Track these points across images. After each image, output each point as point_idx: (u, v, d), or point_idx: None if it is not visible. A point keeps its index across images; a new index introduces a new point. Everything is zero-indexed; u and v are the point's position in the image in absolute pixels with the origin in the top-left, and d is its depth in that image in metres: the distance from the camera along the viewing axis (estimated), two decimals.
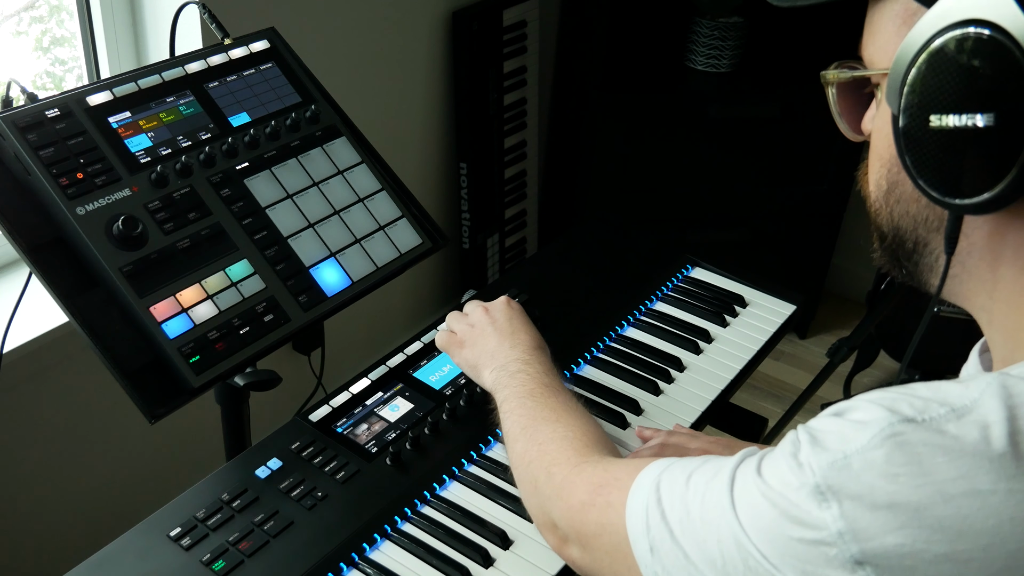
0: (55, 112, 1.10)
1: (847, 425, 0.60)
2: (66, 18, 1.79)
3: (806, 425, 0.63)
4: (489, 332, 1.13)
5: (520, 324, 1.14)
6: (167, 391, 1.05)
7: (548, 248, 1.53)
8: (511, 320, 1.15)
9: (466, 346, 1.14)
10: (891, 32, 0.66)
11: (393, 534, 1.01)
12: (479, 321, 1.16)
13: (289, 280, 1.17)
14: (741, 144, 2.65)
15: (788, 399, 2.66)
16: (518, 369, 1.06)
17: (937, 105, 0.60)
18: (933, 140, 0.61)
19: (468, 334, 1.15)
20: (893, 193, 0.68)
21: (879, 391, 0.62)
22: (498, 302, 1.18)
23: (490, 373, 1.09)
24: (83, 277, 1.06)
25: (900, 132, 0.63)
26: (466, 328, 1.16)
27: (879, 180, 0.70)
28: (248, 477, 1.05)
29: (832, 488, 0.58)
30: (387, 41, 2.26)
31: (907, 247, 0.69)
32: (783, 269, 2.82)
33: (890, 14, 0.66)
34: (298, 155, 1.26)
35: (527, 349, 1.10)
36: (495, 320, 1.15)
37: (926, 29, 0.60)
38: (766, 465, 0.64)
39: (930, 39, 0.60)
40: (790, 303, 1.41)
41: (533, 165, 2.82)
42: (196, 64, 1.24)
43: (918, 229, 0.68)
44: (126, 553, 0.96)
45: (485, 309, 1.17)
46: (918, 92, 0.61)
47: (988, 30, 0.57)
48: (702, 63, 2.64)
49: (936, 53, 0.60)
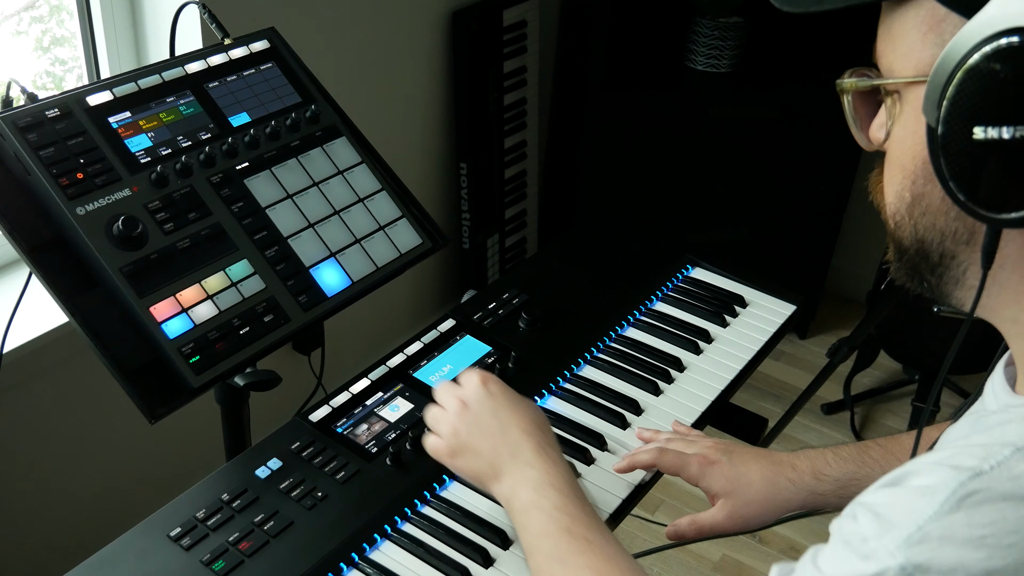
0: (55, 112, 1.10)
1: (910, 494, 0.56)
2: (66, 18, 1.79)
3: (859, 502, 0.59)
4: (476, 436, 0.97)
5: (508, 415, 0.97)
6: (167, 391, 1.05)
7: (548, 248, 1.53)
8: (496, 414, 0.97)
9: (458, 455, 0.99)
10: (915, 39, 0.63)
11: (393, 534, 1.01)
12: (461, 423, 0.98)
13: (289, 280, 1.17)
14: (741, 144, 2.65)
15: (788, 399, 2.66)
16: (530, 501, 0.91)
17: (983, 117, 0.57)
18: (977, 153, 0.58)
19: (454, 441, 0.98)
20: (918, 205, 0.66)
21: (932, 455, 0.58)
22: (472, 388, 1.00)
23: (499, 491, 0.96)
24: (83, 277, 1.06)
25: (939, 144, 0.60)
26: (450, 433, 0.99)
27: (900, 192, 0.67)
28: (248, 477, 1.05)
29: (920, 567, 0.53)
30: (387, 41, 2.26)
31: (931, 260, 0.67)
32: (783, 269, 2.83)
33: (914, 20, 0.63)
34: (298, 155, 1.26)
35: (529, 457, 0.94)
36: (478, 418, 0.98)
37: (970, 37, 0.58)
38: (825, 560, 0.59)
39: (976, 47, 0.57)
40: (790, 303, 1.41)
41: (533, 165, 2.82)
42: (196, 64, 1.24)
43: (945, 242, 0.65)
44: (126, 553, 0.96)
45: (463, 403, 0.99)
46: (962, 103, 0.58)
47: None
48: (702, 63, 2.64)
49: (983, 62, 0.57)
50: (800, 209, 2.74)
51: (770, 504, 1.04)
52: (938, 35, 0.62)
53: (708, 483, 1.06)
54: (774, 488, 1.04)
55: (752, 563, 2.24)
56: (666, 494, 2.38)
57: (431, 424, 1.02)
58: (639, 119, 2.62)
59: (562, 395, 1.22)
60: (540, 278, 1.44)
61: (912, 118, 0.64)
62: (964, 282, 0.66)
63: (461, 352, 1.27)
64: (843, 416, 2.68)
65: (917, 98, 0.63)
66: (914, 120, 0.64)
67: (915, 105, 0.64)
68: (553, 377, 1.24)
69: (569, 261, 1.51)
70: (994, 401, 0.71)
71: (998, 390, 0.71)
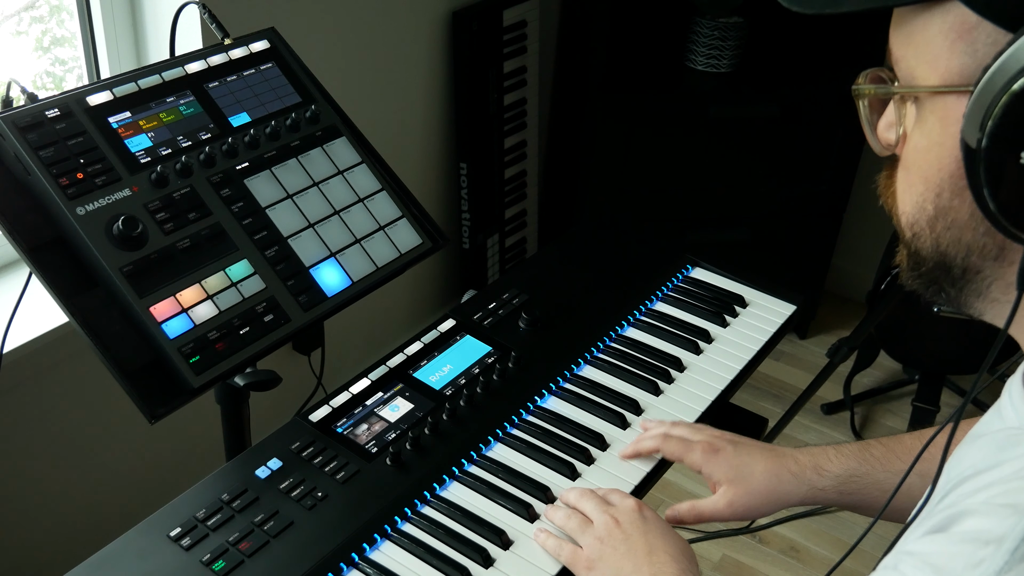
0: (55, 112, 1.10)
1: (968, 543, 0.54)
2: (66, 18, 1.79)
3: (906, 552, 0.57)
4: (621, 553, 0.96)
5: (658, 540, 0.96)
6: (167, 391, 1.05)
7: (548, 248, 1.53)
8: (646, 536, 0.97)
9: (594, 568, 0.96)
10: (942, 46, 0.60)
11: (393, 534, 1.01)
12: (609, 537, 0.97)
13: (289, 280, 1.17)
14: (741, 144, 2.65)
15: (788, 399, 2.66)
16: None
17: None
18: (1021, 177, 0.56)
19: (597, 551, 0.97)
20: (942, 219, 0.63)
21: (980, 494, 0.57)
22: (629, 509, 1.00)
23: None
24: (83, 277, 1.06)
25: (981, 163, 0.57)
26: (594, 543, 0.97)
27: (921, 203, 0.64)
28: (248, 477, 1.05)
29: None
30: (387, 41, 2.26)
31: (954, 273, 0.64)
32: (783, 269, 2.83)
33: (940, 26, 0.60)
34: (298, 155, 1.26)
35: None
36: (628, 537, 0.97)
37: (1016, 64, 0.55)
38: None
39: (1020, 72, 0.54)
40: (790, 303, 1.41)
41: (533, 165, 2.82)
42: (196, 64, 1.24)
43: (971, 257, 0.63)
44: (126, 553, 0.96)
45: (615, 520, 0.99)
46: (1009, 126, 0.55)
47: None
48: (702, 63, 2.64)
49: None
50: (800, 209, 2.74)
51: (771, 495, 1.04)
52: (969, 43, 0.59)
53: (711, 470, 1.06)
54: (776, 480, 1.04)
55: (752, 563, 2.24)
56: (666, 494, 2.38)
57: (571, 532, 1.00)
58: (639, 119, 2.62)
59: (562, 395, 1.22)
60: (540, 278, 1.44)
61: (938, 128, 0.61)
62: (987, 295, 0.64)
63: (461, 352, 1.27)
64: (843, 416, 2.68)
65: (945, 108, 0.61)
66: (940, 131, 0.61)
67: (942, 115, 0.61)
68: (553, 377, 1.24)
69: (569, 261, 1.51)
70: (1014, 414, 0.68)
71: (1018, 402, 0.69)
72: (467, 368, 1.24)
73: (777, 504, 1.05)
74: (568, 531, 1.00)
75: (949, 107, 0.60)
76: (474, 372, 1.24)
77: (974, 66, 0.58)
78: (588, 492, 1.04)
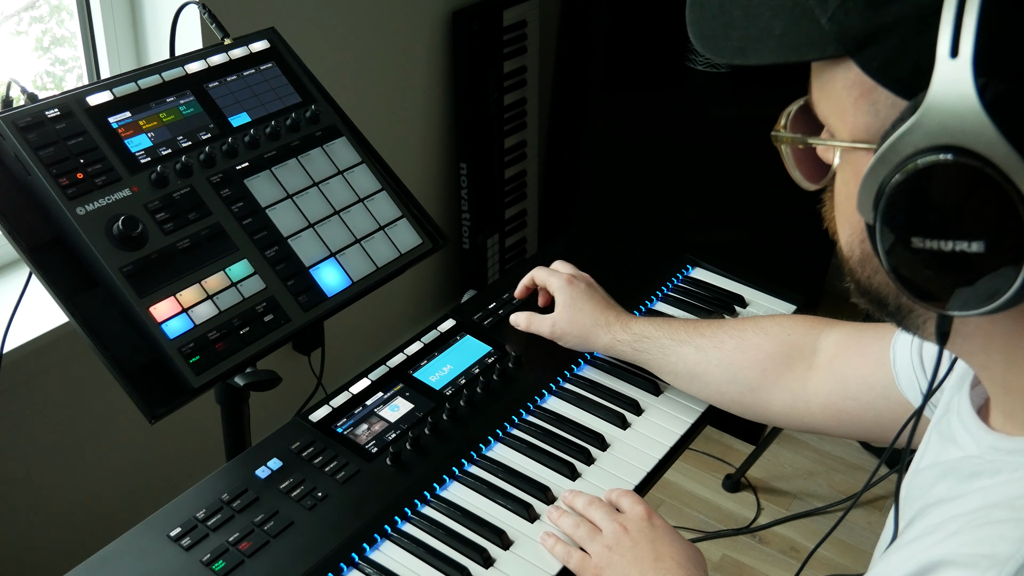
0: (55, 112, 1.10)
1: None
2: (66, 18, 1.79)
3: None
4: (628, 560, 0.97)
5: (666, 548, 0.97)
6: (167, 391, 1.05)
7: (548, 248, 1.52)
8: (654, 543, 0.98)
9: (604, 574, 0.98)
10: (847, 102, 0.59)
11: (393, 534, 1.01)
12: (617, 545, 0.98)
13: (289, 280, 1.17)
14: (741, 144, 2.65)
15: None
16: None
17: (922, 229, 0.54)
18: (916, 256, 0.55)
19: (605, 559, 0.98)
20: (869, 263, 0.62)
21: (953, 538, 0.58)
22: (638, 517, 1.01)
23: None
24: (83, 277, 1.06)
25: (878, 243, 0.57)
26: (602, 551, 0.98)
27: (851, 244, 0.64)
28: (248, 477, 1.05)
29: None
30: (387, 41, 2.26)
31: (889, 309, 0.64)
32: (783, 269, 2.82)
33: (844, 82, 0.59)
34: (298, 155, 1.26)
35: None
36: (636, 544, 0.98)
37: (909, 143, 0.54)
38: None
39: (908, 158, 0.54)
40: (790, 303, 1.41)
41: (533, 165, 2.82)
42: (196, 64, 1.24)
43: (901, 298, 0.62)
44: (126, 553, 0.96)
45: (624, 528, 1.00)
46: (898, 212, 0.55)
47: (976, 161, 0.51)
48: (702, 63, 2.64)
49: (918, 176, 0.53)
50: (800, 209, 2.73)
51: (583, 332, 1.24)
52: (871, 103, 0.57)
53: (559, 295, 1.27)
54: (592, 321, 1.23)
55: (752, 563, 2.24)
56: (666, 494, 2.38)
57: (580, 540, 1.01)
58: (639, 119, 2.62)
59: (562, 395, 1.22)
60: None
61: (852, 181, 0.60)
62: (925, 328, 0.63)
63: (461, 352, 1.27)
64: None
65: (856, 162, 0.60)
66: (854, 184, 0.59)
67: (855, 168, 0.60)
68: (553, 377, 1.24)
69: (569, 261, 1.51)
70: (971, 441, 0.68)
71: (971, 426, 0.69)
72: (467, 368, 1.24)
73: (584, 343, 1.24)
74: (577, 539, 1.01)
75: (860, 162, 0.59)
76: (474, 372, 1.24)
77: (877, 125, 0.57)
78: (597, 500, 1.05)
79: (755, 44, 0.62)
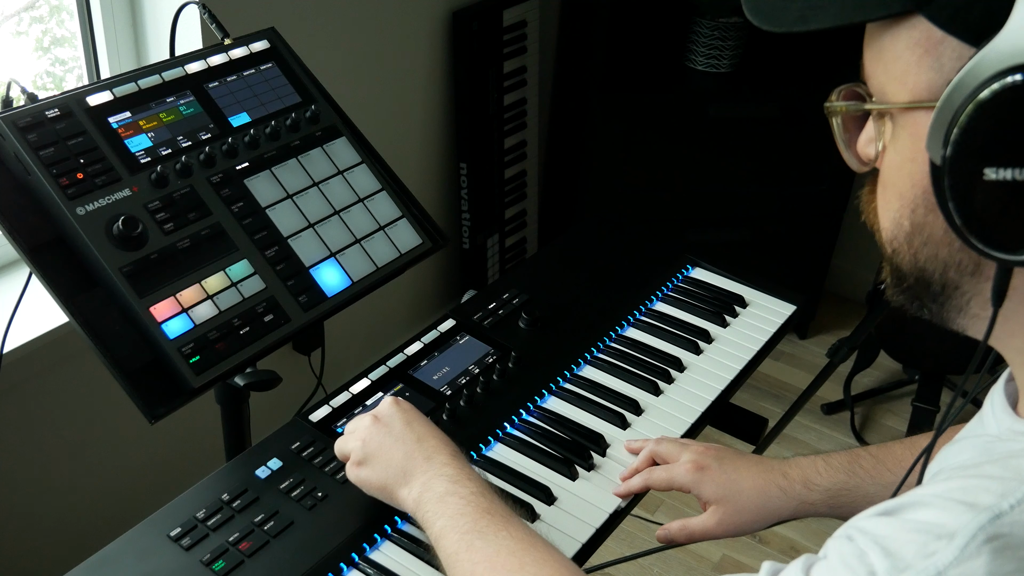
0: (55, 112, 1.10)
1: (921, 532, 0.54)
2: (66, 18, 1.79)
3: (857, 528, 0.57)
4: (388, 444, 0.96)
5: (422, 427, 0.98)
6: (167, 391, 1.05)
7: (548, 248, 1.53)
8: (410, 424, 0.97)
9: (364, 465, 0.97)
10: (910, 62, 0.59)
11: (393, 534, 1.01)
12: (371, 434, 0.97)
13: (289, 280, 1.17)
14: (741, 144, 2.65)
15: (788, 399, 2.66)
16: (446, 490, 0.90)
17: (997, 157, 0.53)
18: (988, 193, 0.55)
19: (362, 451, 0.97)
20: (919, 235, 0.62)
21: (937, 486, 0.57)
22: (384, 405, 1.00)
23: (408, 493, 0.93)
24: (83, 277, 1.06)
25: (945, 180, 0.56)
26: (358, 446, 0.98)
27: (898, 219, 0.64)
28: (248, 477, 1.05)
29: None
30: (387, 41, 2.26)
31: (933, 289, 0.64)
32: (783, 269, 2.83)
33: (907, 41, 0.59)
34: (298, 155, 1.26)
35: (445, 459, 0.94)
36: (391, 428, 0.97)
37: (982, 70, 0.53)
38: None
39: (987, 81, 0.53)
40: (790, 303, 1.41)
41: (533, 165, 2.82)
42: (196, 64, 1.24)
43: (948, 272, 0.62)
44: (126, 553, 0.96)
45: (374, 417, 0.99)
46: (972, 141, 0.54)
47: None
48: (702, 63, 2.64)
49: (1000, 97, 0.53)
50: (800, 209, 2.74)
51: (761, 512, 1.04)
52: (935, 59, 0.58)
53: (699, 490, 1.06)
54: (764, 496, 1.04)
55: (752, 563, 2.24)
56: (666, 494, 2.38)
57: (338, 445, 1.02)
58: (639, 119, 2.62)
59: (562, 395, 1.22)
60: (540, 278, 1.44)
61: (909, 144, 0.61)
62: (968, 311, 0.64)
63: (461, 352, 1.27)
64: (843, 416, 2.68)
65: (915, 123, 0.60)
66: (911, 147, 0.60)
67: (912, 131, 0.61)
68: (553, 377, 1.24)
69: (569, 261, 1.51)
70: (995, 423, 0.69)
71: (999, 411, 0.69)
72: (467, 368, 1.24)
73: (767, 520, 1.05)
74: (337, 448, 1.02)
75: (919, 123, 0.59)
76: (474, 372, 1.24)
77: (941, 81, 0.58)
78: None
79: (817, 10, 0.62)
